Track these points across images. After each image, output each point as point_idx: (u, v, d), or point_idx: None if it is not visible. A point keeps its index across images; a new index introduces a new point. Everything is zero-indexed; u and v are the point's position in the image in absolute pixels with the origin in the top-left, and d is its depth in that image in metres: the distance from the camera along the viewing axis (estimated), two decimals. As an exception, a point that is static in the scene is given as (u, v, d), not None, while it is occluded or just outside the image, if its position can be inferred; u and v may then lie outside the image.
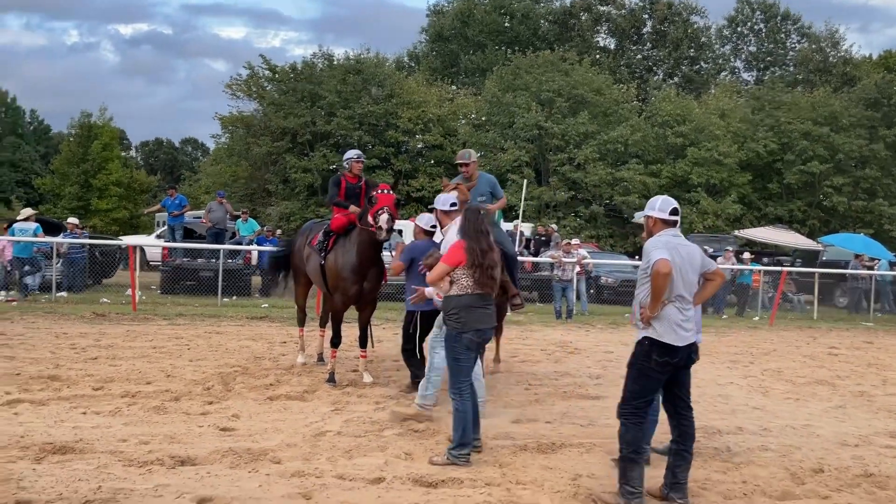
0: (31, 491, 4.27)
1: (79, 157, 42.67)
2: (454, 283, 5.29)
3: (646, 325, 4.55)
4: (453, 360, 5.32)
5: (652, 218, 4.77)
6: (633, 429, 4.57)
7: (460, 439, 5.19)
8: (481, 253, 5.21)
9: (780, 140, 32.13)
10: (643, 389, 4.61)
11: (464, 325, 5.22)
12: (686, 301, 4.59)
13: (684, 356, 4.59)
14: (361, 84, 36.20)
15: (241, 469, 4.88)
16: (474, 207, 5.50)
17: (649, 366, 4.54)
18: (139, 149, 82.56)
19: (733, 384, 8.88)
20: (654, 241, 4.63)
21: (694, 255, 4.68)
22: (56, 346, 9.17)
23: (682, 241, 4.69)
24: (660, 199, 4.82)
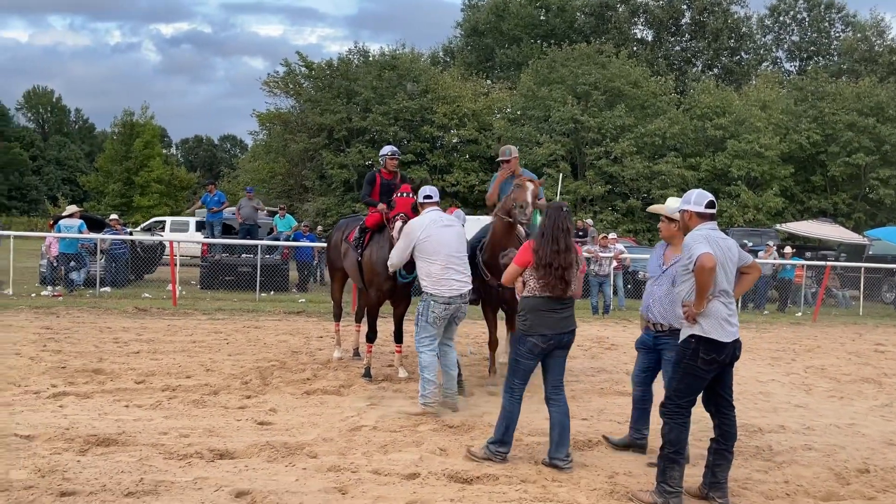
0: (76, 482, 4.37)
1: (121, 155, 43.63)
2: (525, 283, 5.13)
3: (691, 323, 4.45)
4: (514, 360, 5.16)
5: (688, 212, 4.66)
6: (676, 428, 4.49)
7: (501, 436, 5.11)
8: (553, 253, 4.97)
9: (824, 131, 31.38)
10: (689, 388, 4.51)
11: (529, 328, 5.04)
12: (729, 295, 4.51)
13: (731, 353, 4.49)
14: (397, 80, 36.29)
15: (278, 463, 4.93)
16: (557, 205, 5.20)
17: (696, 364, 4.43)
18: (179, 146, 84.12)
19: (775, 381, 8.70)
20: (693, 235, 4.51)
21: (732, 248, 4.59)
22: (100, 340, 9.38)
23: (720, 235, 4.59)
24: (695, 193, 4.72)
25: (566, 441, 5.11)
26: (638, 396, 5.64)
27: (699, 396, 4.66)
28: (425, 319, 6.39)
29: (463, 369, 8.55)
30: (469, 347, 9.89)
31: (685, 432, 4.53)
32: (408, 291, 7.72)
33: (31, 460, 4.70)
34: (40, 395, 6.39)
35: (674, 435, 4.48)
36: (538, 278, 5.00)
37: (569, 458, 5.07)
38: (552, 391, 5.16)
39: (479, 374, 8.39)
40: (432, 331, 6.42)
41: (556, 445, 5.05)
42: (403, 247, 6.56)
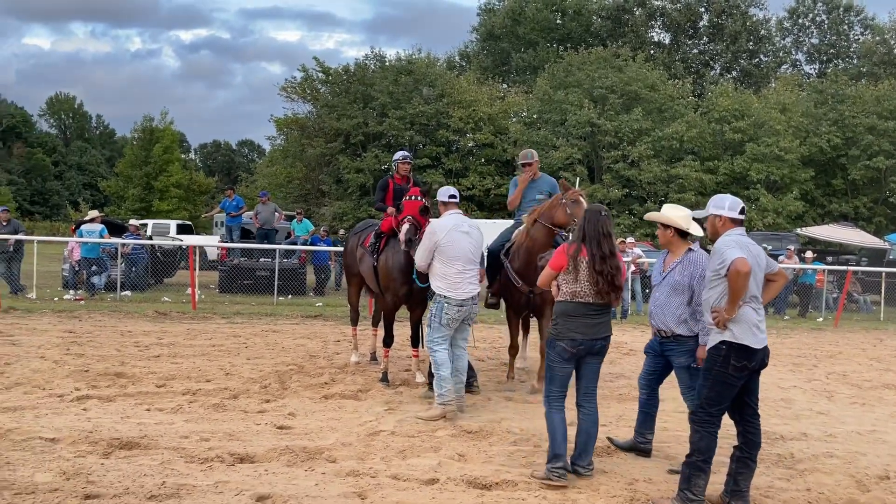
0: (100, 485, 4.42)
1: (141, 160, 44.10)
2: (559, 288, 5.04)
3: (722, 329, 4.38)
4: (548, 367, 5.09)
5: (721, 217, 4.63)
6: (707, 437, 4.45)
7: (553, 450, 4.91)
8: (601, 259, 4.88)
9: (845, 134, 31.09)
10: (720, 396, 4.44)
11: (559, 332, 4.95)
12: (759, 301, 4.46)
13: (760, 359, 4.46)
14: (413, 84, 36.41)
15: (297, 467, 4.96)
16: (596, 208, 5.08)
17: (727, 371, 4.37)
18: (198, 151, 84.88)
19: (796, 388, 8.62)
20: (725, 240, 4.50)
21: (761, 254, 4.55)
22: (121, 344, 9.49)
23: (750, 241, 4.57)
24: (729, 199, 4.70)
25: (591, 449, 5.10)
26: (643, 400, 5.65)
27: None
28: (439, 321, 6.45)
29: (481, 375, 8.58)
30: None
31: (714, 441, 4.48)
32: (424, 296, 7.73)
33: (55, 463, 4.77)
34: (64, 399, 6.47)
35: (704, 443, 4.44)
36: (573, 283, 4.91)
37: (591, 466, 5.05)
38: (583, 398, 5.12)
39: (497, 378, 8.39)
40: (445, 332, 6.50)
41: (581, 452, 5.04)
42: (428, 247, 6.56)
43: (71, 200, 58.29)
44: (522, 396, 7.49)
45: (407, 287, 7.52)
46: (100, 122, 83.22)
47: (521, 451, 5.58)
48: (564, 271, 4.95)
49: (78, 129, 77.99)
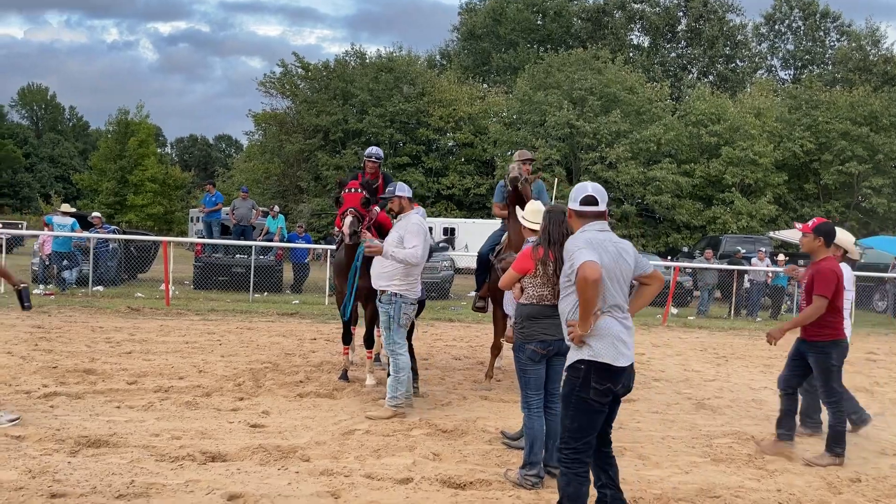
0: (66, 484, 4.34)
1: (116, 154, 43.48)
2: (523, 290, 4.94)
3: (579, 345, 3.80)
4: (520, 372, 4.96)
5: (569, 210, 4.06)
6: (574, 480, 3.82)
7: (528, 457, 4.87)
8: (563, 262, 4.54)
9: (818, 140, 31.58)
10: (584, 427, 3.80)
11: (527, 335, 4.84)
12: (623, 311, 3.86)
13: (626, 382, 3.83)
14: (393, 82, 36.35)
15: (270, 466, 4.91)
16: (559, 209, 4.87)
17: (589, 396, 3.74)
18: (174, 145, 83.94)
19: (767, 389, 8.70)
20: (573, 239, 3.90)
21: (628, 252, 3.95)
22: (92, 340, 9.33)
23: (611, 237, 3.94)
24: (576, 187, 4.07)
25: None
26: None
27: None
28: (397, 322, 6.44)
29: (457, 373, 8.59)
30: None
31: (584, 485, 3.86)
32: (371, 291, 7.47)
33: (21, 461, 4.67)
34: (31, 395, 6.35)
35: (572, 489, 3.82)
36: (539, 287, 4.84)
37: None
38: (549, 399, 5.10)
39: (474, 377, 8.38)
40: (404, 333, 6.52)
41: (552, 453, 5.03)
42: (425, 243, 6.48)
43: (42, 193, 57.32)
44: (499, 395, 7.49)
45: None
46: (73, 113, 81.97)
47: (495, 450, 5.57)
48: (530, 275, 4.89)
49: (50, 120, 76.73)
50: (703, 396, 8.05)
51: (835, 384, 5.89)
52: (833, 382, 5.88)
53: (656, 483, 4.97)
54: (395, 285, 6.41)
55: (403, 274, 6.41)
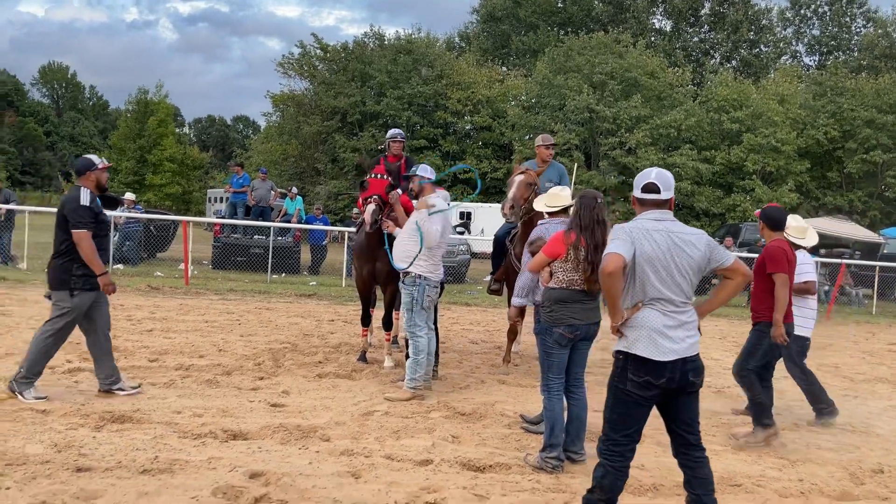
0: (92, 458, 4.39)
1: (135, 133, 43.73)
2: (552, 274, 4.93)
3: (616, 335, 3.69)
4: (544, 355, 4.97)
5: (633, 198, 3.87)
6: (611, 473, 3.67)
7: (549, 440, 4.86)
8: (594, 248, 4.69)
9: (842, 127, 31.14)
10: (622, 418, 3.66)
11: (555, 319, 4.83)
12: (675, 304, 3.61)
13: (675, 376, 3.56)
14: (412, 64, 36.19)
15: (291, 445, 4.94)
16: (591, 194, 4.91)
17: (626, 387, 3.60)
18: (192, 125, 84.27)
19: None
20: (617, 227, 3.74)
21: (690, 244, 3.65)
22: (113, 318, 9.34)
23: (668, 227, 3.66)
24: (641, 173, 3.87)
25: (582, 435, 5.09)
26: None
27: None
28: (420, 304, 6.45)
29: (475, 357, 8.59)
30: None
31: (621, 480, 3.72)
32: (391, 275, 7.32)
33: (47, 435, 4.73)
34: (56, 371, 6.42)
35: (608, 481, 3.68)
36: (570, 271, 4.82)
37: (583, 452, 5.05)
38: (573, 384, 5.09)
39: (491, 361, 8.38)
40: (425, 315, 6.50)
41: (573, 438, 5.03)
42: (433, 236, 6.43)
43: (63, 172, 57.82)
44: (516, 380, 7.49)
45: (369, 266, 7.52)
46: (93, 93, 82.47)
47: (514, 434, 5.57)
48: (561, 259, 4.88)
49: (71, 99, 77.27)
50: (722, 385, 8.00)
51: (751, 365, 5.85)
52: (752, 363, 5.86)
53: (677, 471, 4.89)
54: (418, 267, 6.41)
55: (426, 256, 6.41)
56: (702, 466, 3.74)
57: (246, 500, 3.96)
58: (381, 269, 7.40)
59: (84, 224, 5.52)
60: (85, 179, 5.78)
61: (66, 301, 5.54)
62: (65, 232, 5.52)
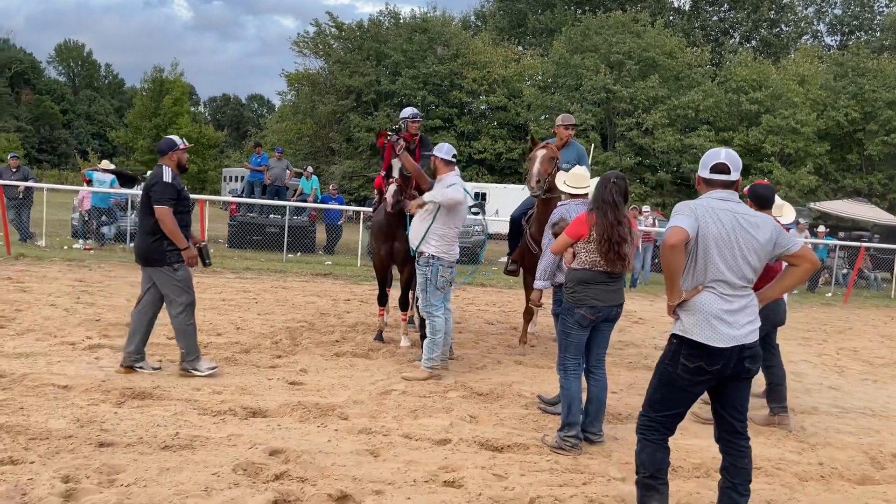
0: (114, 433, 4.43)
1: (151, 111, 43.84)
2: (576, 255, 4.91)
3: (673, 317, 3.56)
4: (563, 334, 4.95)
5: (697, 177, 3.72)
6: (648, 447, 3.63)
7: (566, 419, 4.84)
8: (610, 227, 4.69)
9: (863, 109, 30.66)
10: (665, 400, 3.58)
11: (578, 300, 4.81)
12: (735, 287, 3.46)
13: (731, 362, 3.43)
14: (427, 43, 35.94)
15: (310, 423, 4.96)
16: (609, 174, 4.87)
17: (676, 371, 3.48)
18: (207, 104, 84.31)
19: (806, 362, 8.59)
20: (681, 203, 3.56)
21: (756, 227, 3.49)
22: (132, 295, 9.45)
23: (735, 208, 3.52)
24: (707, 152, 3.74)
25: (601, 416, 5.08)
26: None
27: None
28: (434, 285, 6.43)
29: (491, 338, 8.59)
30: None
31: (660, 452, 3.64)
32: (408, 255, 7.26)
33: (69, 410, 4.78)
34: (76, 347, 6.48)
35: (646, 455, 3.63)
36: (593, 252, 4.79)
37: (602, 433, 5.05)
38: (594, 364, 5.08)
39: (508, 342, 8.37)
40: (441, 295, 6.48)
41: (592, 419, 5.02)
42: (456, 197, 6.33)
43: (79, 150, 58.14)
44: (533, 361, 7.48)
45: (387, 246, 7.50)
46: (109, 71, 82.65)
47: (532, 414, 5.57)
48: (584, 240, 4.85)
49: (87, 77, 77.49)
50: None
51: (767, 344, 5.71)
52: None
53: (695, 453, 4.93)
54: (432, 247, 6.39)
55: (440, 235, 6.38)
56: (743, 456, 3.63)
57: (266, 476, 3.98)
58: (399, 249, 7.39)
59: (166, 200, 5.67)
60: (167, 159, 5.95)
61: (173, 276, 5.76)
62: (151, 212, 5.69)
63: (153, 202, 5.66)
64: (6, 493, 3.50)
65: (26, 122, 59.52)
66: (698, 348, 3.42)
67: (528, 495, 3.99)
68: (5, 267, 11.11)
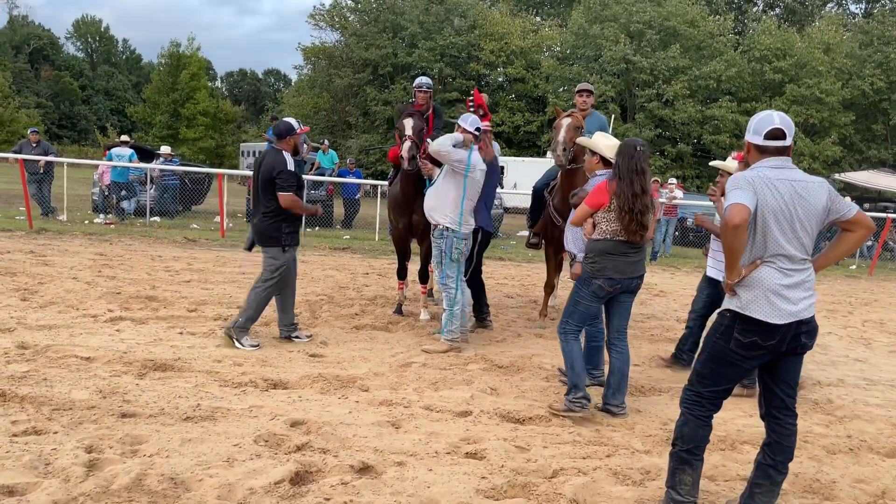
0: (136, 404, 4.44)
1: (168, 87, 43.88)
2: (596, 225, 4.81)
3: (729, 293, 3.38)
4: (573, 302, 4.87)
5: (747, 144, 3.48)
6: (692, 421, 3.50)
7: (572, 380, 4.83)
8: (632, 197, 4.59)
9: (889, 78, 29.98)
10: (714, 375, 3.45)
11: (597, 270, 4.73)
12: (794, 261, 3.29)
13: (787, 337, 3.28)
14: (444, 14, 35.53)
15: (330, 395, 4.95)
16: (632, 142, 4.74)
17: (729, 346, 3.33)
18: (224, 79, 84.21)
19: (832, 335, 8.46)
20: (737, 177, 3.32)
21: (813, 194, 3.31)
22: (152, 269, 9.53)
23: (790, 176, 3.31)
24: (758, 117, 3.45)
25: (624, 388, 5.02)
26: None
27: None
28: (450, 257, 6.37)
29: (510, 311, 8.53)
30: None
31: (704, 429, 3.52)
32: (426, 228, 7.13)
33: (91, 381, 4.80)
34: (98, 319, 6.51)
35: (687, 429, 3.51)
36: (614, 221, 4.70)
37: (624, 405, 4.99)
38: (615, 336, 5.01)
39: (529, 315, 8.32)
40: (457, 267, 6.40)
41: (614, 391, 4.97)
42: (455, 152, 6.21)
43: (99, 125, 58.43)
44: (553, 334, 7.40)
45: (406, 219, 7.41)
46: (126, 46, 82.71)
47: (553, 387, 5.52)
48: (604, 209, 4.75)
49: (105, 53, 77.61)
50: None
51: None
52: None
53: (720, 425, 4.84)
54: (446, 219, 6.31)
55: (453, 206, 6.29)
56: (790, 434, 3.51)
57: (288, 447, 3.98)
58: (418, 222, 7.30)
59: (291, 187, 5.98)
60: (285, 143, 6.14)
61: (280, 256, 6.07)
62: (272, 195, 5.95)
63: (279, 189, 5.92)
64: (30, 462, 3.52)
65: (46, 98, 59.83)
66: (754, 324, 3.27)
67: (550, 467, 3.95)
68: (28, 240, 11.20)
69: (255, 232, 6.14)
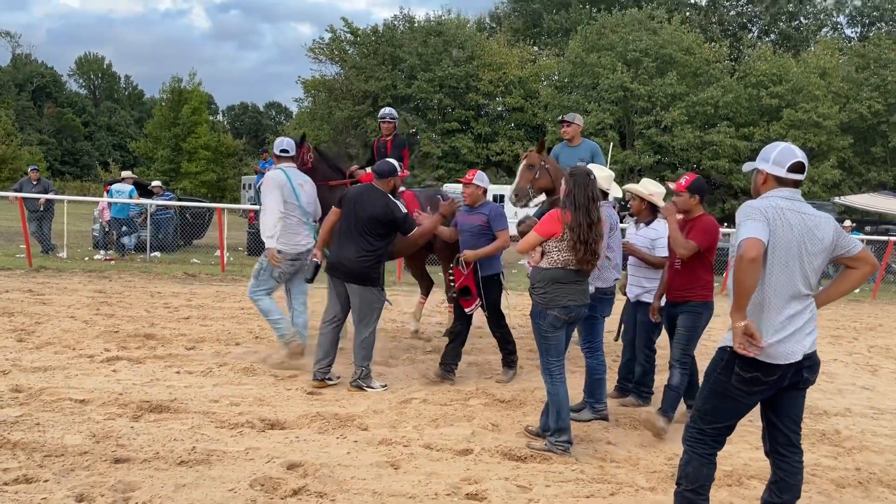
0: (130, 449, 4.36)
1: (170, 121, 44.17)
2: (545, 254, 4.76)
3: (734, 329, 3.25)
4: (541, 339, 4.79)
5: (762, 173, 3.36)
6: (695, 460, 3.41)
7: (556, 424, 4.75)
8: (588, 227, 4.55)
9: (887, 100, 30.13)
10: (716, 411, 3.36)
11: (549, 301, 4.66)
12: (799, 297, 3.23)
13: (790, 373, 3.23)
14: (442, 46, 35.89)
15: (329, 435, 4.86)
16: (582, 169, 4.73)
17: (729, 381, 3.25)
18: (225, 113, 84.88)
19: (837, 361, 8.36)
20: (749, 205, 3.24)
21: (821, 228, 3.25)
22: (151, 305, 9.48)
23: (801, 208, 3.25)
24: (778, 148, 3.37)
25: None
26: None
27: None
28: (269, 274, 6.62)
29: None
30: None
31: (707, 467, 3.43)
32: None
33: (85, 425, 4.72)
34: (94, 359, 6.44)
35: (690, 468, 3.42)
36: (565, 251, 4.64)
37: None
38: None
39: (529, 346, 8.23)
40: (273, 283, 6.68)
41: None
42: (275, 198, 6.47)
43: (101, 161, 58.73)
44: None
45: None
46: (128, 82, 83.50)
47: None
48: (556, 238, 4.68)
49: (107, 89, 78.33)
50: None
51: (692, 347, 5.42)
52: (692, 345, 5.41)
53: (726, 459, 4.76)
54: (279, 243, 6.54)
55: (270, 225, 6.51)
56: (797, 472, 3.43)
57: (284, 492, 3.89)
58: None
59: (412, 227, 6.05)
60: (385, 183, 6.09)
61: (379, 297, 6.12)
62: (376, 237, 5.92)
63: (402, 232, 5.99)
64: (19, 513, 3.44)
65: (49, 134, 60.24)
66: (755, 360, 3.18)
67: (553, 508, 3.86)
68: (27, 279, 11.17)
69: (352, 273, 5.99)
